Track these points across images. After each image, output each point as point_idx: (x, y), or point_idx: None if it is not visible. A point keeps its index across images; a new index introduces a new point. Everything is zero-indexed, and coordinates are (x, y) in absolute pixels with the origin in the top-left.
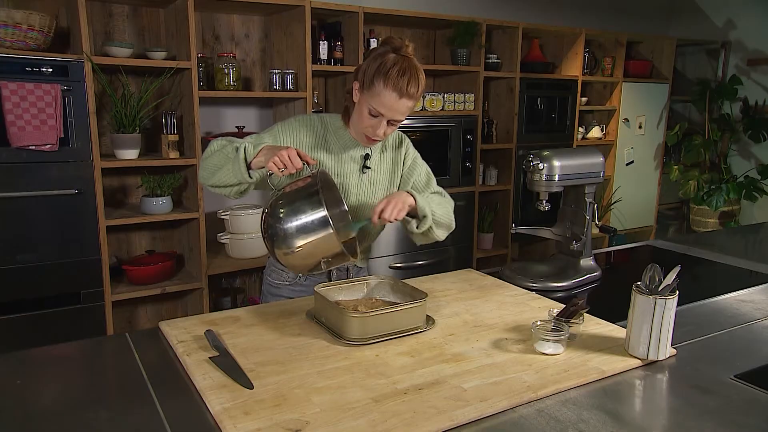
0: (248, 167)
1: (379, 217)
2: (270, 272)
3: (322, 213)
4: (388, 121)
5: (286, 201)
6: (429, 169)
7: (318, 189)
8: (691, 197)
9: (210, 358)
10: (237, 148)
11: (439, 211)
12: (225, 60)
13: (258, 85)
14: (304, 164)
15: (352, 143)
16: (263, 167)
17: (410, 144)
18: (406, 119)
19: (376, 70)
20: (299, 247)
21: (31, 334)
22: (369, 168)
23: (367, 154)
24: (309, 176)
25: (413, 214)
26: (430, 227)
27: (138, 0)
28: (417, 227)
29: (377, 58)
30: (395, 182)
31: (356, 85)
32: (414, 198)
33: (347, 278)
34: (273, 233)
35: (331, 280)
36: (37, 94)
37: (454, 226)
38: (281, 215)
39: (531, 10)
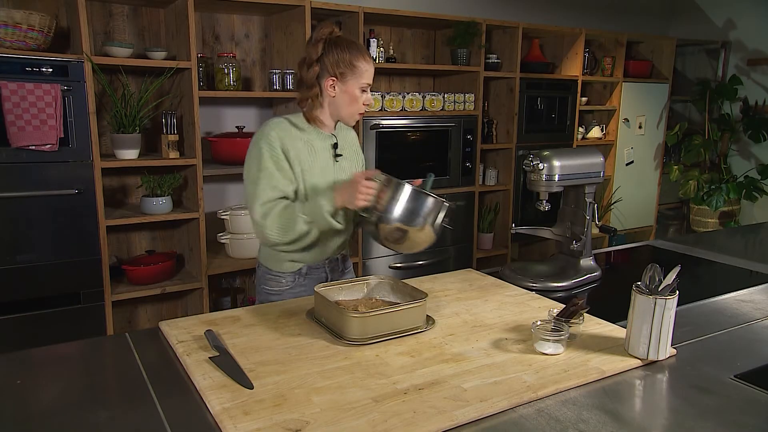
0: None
1: None
2: (266, 281)
3: (431, 198)
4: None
5: (406, 207)
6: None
7: (408, 185)
8: (691, 197)
9: (210, 358)
10: (321, 213)
11: None
12: (225, 60)
13: (258, 85)
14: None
15: (321, 136)
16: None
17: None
18: (406, 119)
19: (350, 55)
20: (430, 225)
21: (31, 334)
22: (341, 155)
23: (335, 143)
24: (385, 185)
25: None
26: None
27: (138, 0)
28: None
29: (338, 46)
30: (360, 159)
31: (330, 81)
32: None
33: (341, 270)
34: (412, 225)
35: (328, 280)
36: (37, 94)
37: None
38: (413, 214)
39: (531, 10)
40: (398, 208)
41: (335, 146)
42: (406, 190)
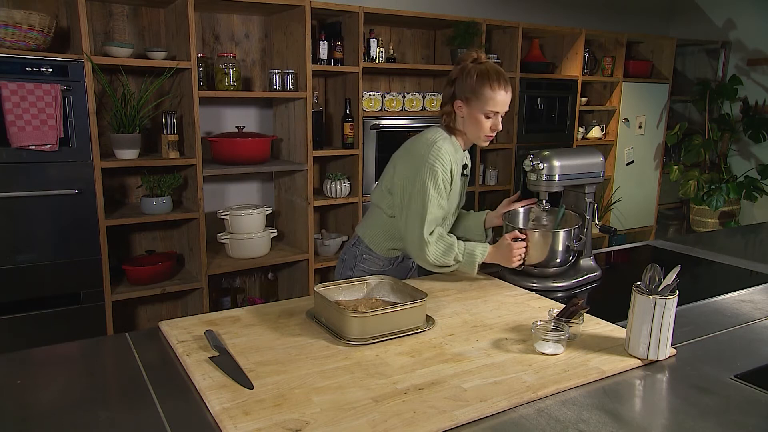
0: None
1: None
2: (363, 259)
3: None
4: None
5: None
6: None
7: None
8: (691, 197)
9: (210, 358)
10: (473, 262)
11: None
12: (225, 60)
13: (258, 85)
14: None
15: (461, 155)
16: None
17: None
18: (406, 119)
19: (478, 81)
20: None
21: (31, 334)
22: (467, 175)
23: (466, 164)
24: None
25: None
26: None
27: (138, 0)
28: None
29: (468, 73)
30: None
31: (459, 104)
32: None
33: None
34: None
35: (413, 269)
36: (37, 94)
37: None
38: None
39: (531, 10)
40: (541, 253)
41: (465, 166)
42: (547, 238)
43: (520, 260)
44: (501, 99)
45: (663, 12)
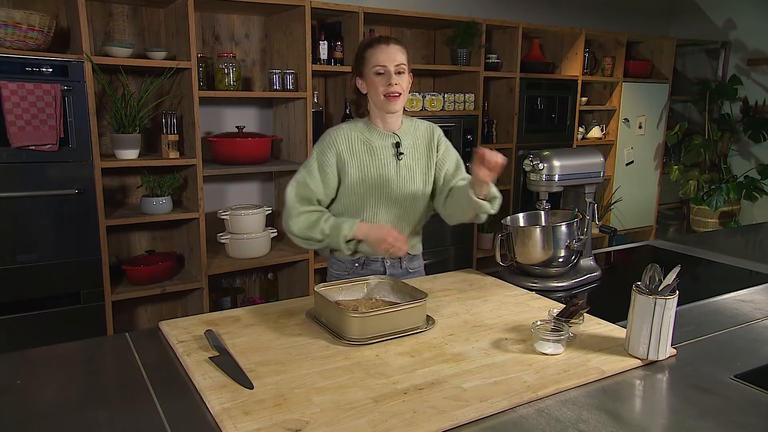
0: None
1: (483, 165)
2: (332, 264)
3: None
4: (395, 73)
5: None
6: (459, 157)
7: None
8: (691, 197)
9: (210, 358)
10: (338, 237)
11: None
12: (225, 60)
13: (258, 85)
14: None
15: (383, 135)
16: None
17: (442, 134)
18: None
19: (359, 50)
20: None
21: (31, 334)
22: (402, 154)
23: (398, 143)
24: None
25: (486, 197)
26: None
27: (138, 0)
28: (492, 207)
29: (355, 52)
30: (431, 168)
31: (357, 80)
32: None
33: (404, 268)
34: None
35: (385, 274)
36: (37, 94)
37: None
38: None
39: (531, 10)
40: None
41: (397, 145)
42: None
43: (391, 249)
44: (381, 54)
45: (663, 12)
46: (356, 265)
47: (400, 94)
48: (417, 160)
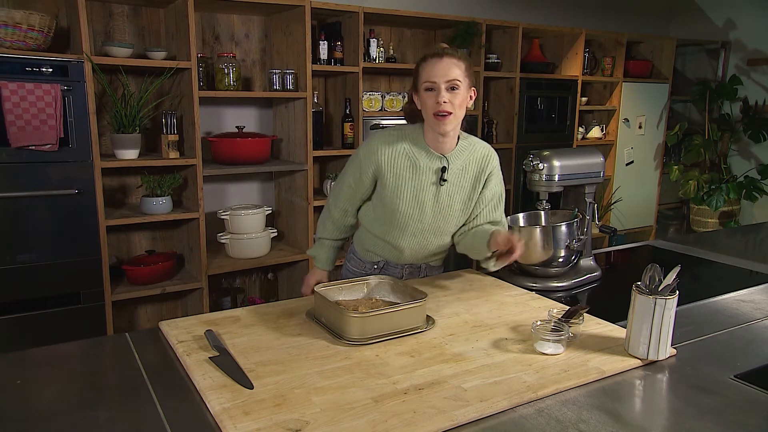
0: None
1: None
2: (350, 259)
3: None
4: (447, 89)
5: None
6: (503, 193)
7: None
8: (691, 197)
9: (210, 358)
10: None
11: None
12: (225, 60)
13: (258, 85)
14: None
15: (431, 156)
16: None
17: (496, 167)
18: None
19: (416, 66)
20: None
21: (31, 334)
22: (446, 181)
23: (444, 167)
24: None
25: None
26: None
27: (138, 0)
28: (492, 267)
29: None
30: (473, 199)
31: (414, 96)
32: None
33: (418, 277)
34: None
35: (402, 278)
36: (37, 94)
37: None
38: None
39: (531, 10)
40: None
41: (443, 170)
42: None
43: (306, 292)
44: (432, 68)
45: (663, 12)
46: (375, 267)
47: (450, 113)
48: (461, 187)
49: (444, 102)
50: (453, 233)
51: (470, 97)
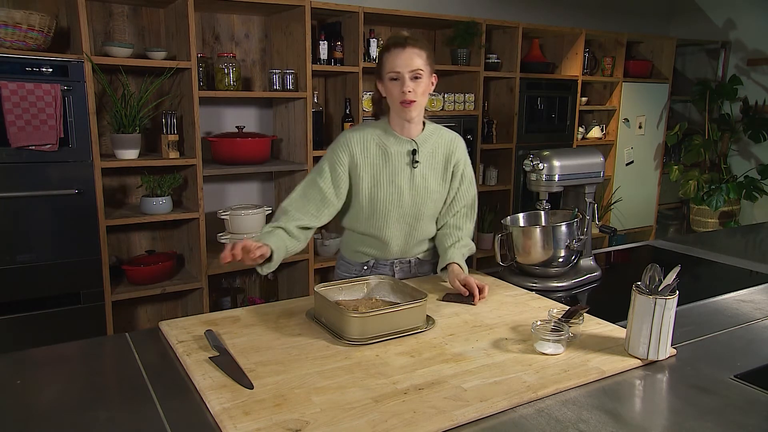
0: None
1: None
2: (340, 265)
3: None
4: (411, 78)
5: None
6: (475, 198)
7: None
8: (691, 197)
9: (210, 358)
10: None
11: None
12: (225, 60)
13: (258, 85)
14: None
15: (400, 141)
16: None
17: (466, 155)
18: None
19: (380, 51)
20: None
21: (31, 334)
22: (418, 162)
23: (414, 150)
24: None
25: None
26: None
27: (138, 0)
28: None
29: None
30: (447, 180)
31: (378, 83)
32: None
33: (413, 273)
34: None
35: (393, 275)
36: (37, 94)
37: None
38: None
39: (531, 10)
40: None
41: (414, 152)
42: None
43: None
44: (396, 56)
45: (663, 12)
46: (365, 268)
47: (414, 101)
48: (433, 168)
49: (409, 91)
50: (434, 218)
51: (431, 83)
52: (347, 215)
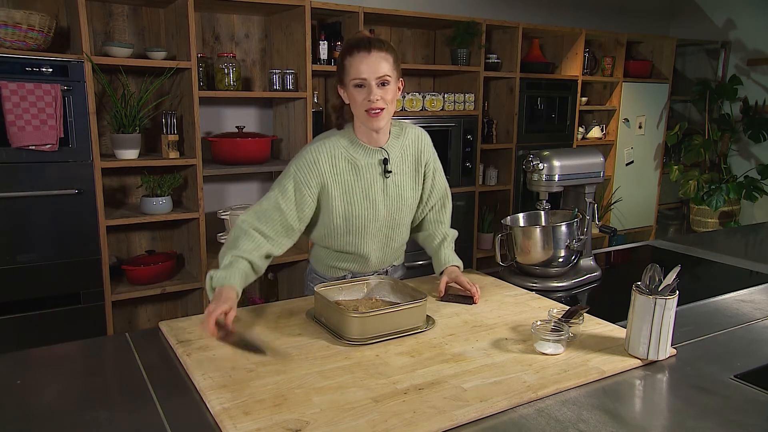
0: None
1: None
2: (312, 279)
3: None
4: (378, 85)
5: None
6: (447, 190)
7: None
8: (691, 197)
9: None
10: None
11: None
12: (225, 60)
13: (258, 85)
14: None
15: (369, 151)
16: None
17: (433, 150)
18: (406, 119)
19: (340, 56)
20: None
21: (31, 334)
22: (390, 172)
23: (386, 159)
24: None
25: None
26: None
27: (138, 0)
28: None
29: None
30: (419, 182)
31: (340, 89)
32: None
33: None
34: None
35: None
36: (37, 94)
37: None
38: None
39: (531, 10)
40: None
41: (385, 162)
42: None
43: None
44: (361, 61)
45: (663, 12)
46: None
47: (383, 108)
48: (405, 173)
49: (377, 99)
50: (409, 223)
51: (398, 88)
52: (317, 232)
